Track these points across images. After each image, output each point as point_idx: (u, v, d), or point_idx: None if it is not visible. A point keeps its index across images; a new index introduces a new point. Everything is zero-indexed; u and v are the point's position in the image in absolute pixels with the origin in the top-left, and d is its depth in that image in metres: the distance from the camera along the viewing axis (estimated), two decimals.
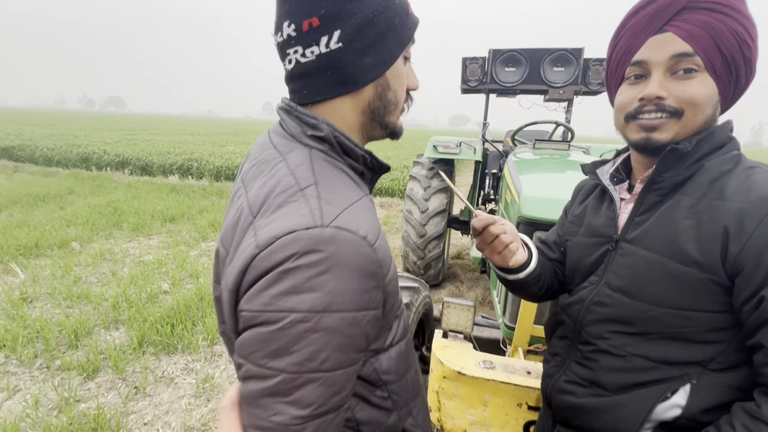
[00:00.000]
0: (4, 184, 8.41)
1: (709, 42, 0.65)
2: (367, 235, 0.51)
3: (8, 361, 2.70)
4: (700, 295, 0.67)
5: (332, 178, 0.56)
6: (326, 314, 0.46)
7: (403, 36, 0.60)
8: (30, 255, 4.53)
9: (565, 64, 3.70)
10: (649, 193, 0.74)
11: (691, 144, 0.68)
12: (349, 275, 0.48)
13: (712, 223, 0.65)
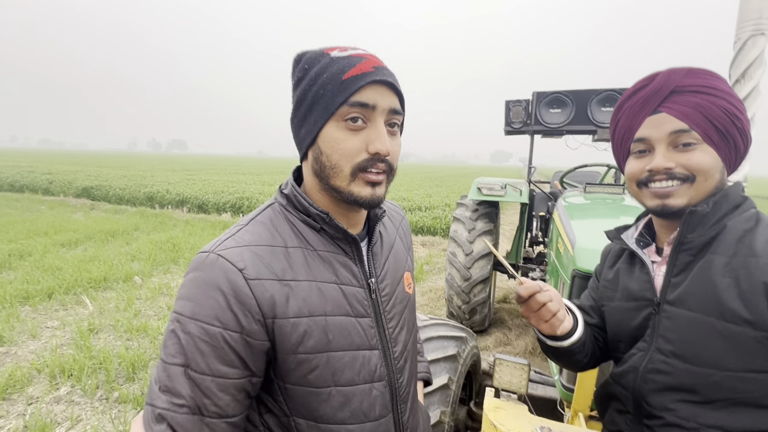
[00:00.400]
0: (81, 221, 9.37)
1: (702, 118, 0.72)
2: (245, 266, 0.61)
3: (74, 391, 2.88)
4: (759, 355, 0.65)
5: (258, 224, 0.68)
6: (189, 318, 0.59)
7: (330, 104, 0.63)
8: (99, 288, 4.93)
9: (613, 104, 3.63)
10: (679, 254, 0.76)
11: (708, 206, 0.73)
12: (209, 290, 0.60)
13: (750, 279, 0.67)
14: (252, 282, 0.60)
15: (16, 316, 4.00)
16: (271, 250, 0.65)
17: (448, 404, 1.65)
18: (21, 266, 5.62)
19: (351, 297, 0.69)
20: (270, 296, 0.61)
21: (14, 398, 2.80)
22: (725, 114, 0.72)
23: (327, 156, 0.65)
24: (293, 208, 0.70)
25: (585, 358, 0.89)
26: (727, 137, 0.73)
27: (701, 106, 0.72)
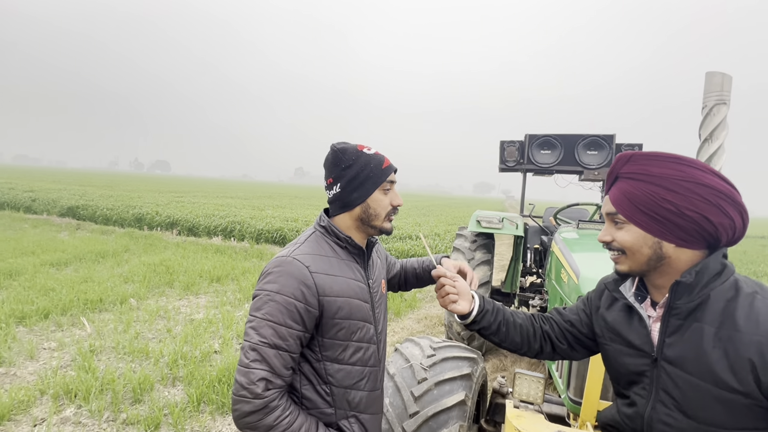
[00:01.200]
0: (68, 240, 9.20)
1: (627, 204, 0.87)
2: (310, 265, 1.03)
3: (80, 412, 2.88)
4: (750, 417, 0.78)
5: (313, 241, 1.11)
6: (276, 293, 0.98)
7: (377, 181, 1.10)
8: (95, 309, 4.90)
9: (598, 149, 4.02)
10: (670, 318, 0.88)
11: (691, 276, 0.83)
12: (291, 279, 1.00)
13: (737, 354, 0.78)
14: (313, 274, 1.02)
15: (13, 336, 3.95)
16: (320, 257, 1.07)
17: (465, 419, 1.81)
18: (11, 286, 5.52)
19: (361, 289, 1.12)
20: (322, 283, 1.03)
21: (19, 419, 2.78)
22: (650, 198, 0.84)
23: (374, 209, 1.12)
24: (328, 234, 1.14)
25: (502, 342, 1.15)
26: (655, 218, 0.84)
27: (629, 192, 0.86)
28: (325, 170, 1.13)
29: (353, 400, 1.10)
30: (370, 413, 1.14)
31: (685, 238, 0.84)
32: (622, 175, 0.90)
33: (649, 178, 0.85)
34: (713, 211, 0.82)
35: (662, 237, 0.86)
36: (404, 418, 1.83)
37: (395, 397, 1.91)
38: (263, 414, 0.93)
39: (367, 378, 1.13)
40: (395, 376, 1.99)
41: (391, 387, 1.97)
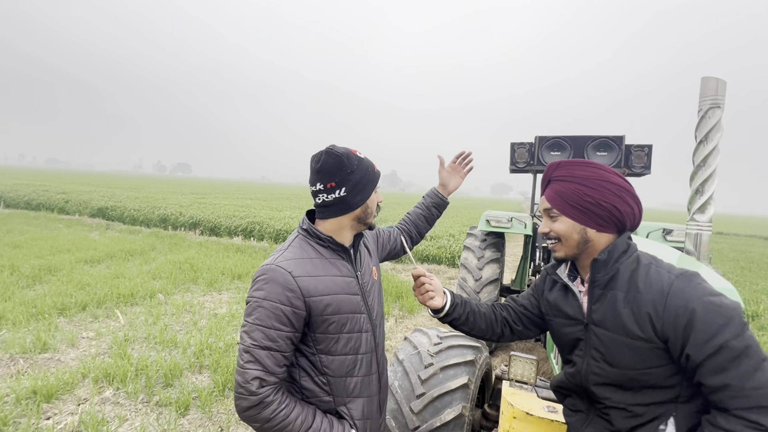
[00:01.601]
0: (99, 239, 9.72)
1: (559, 200, 1.09)
2: (292, 270, 1.09)
3: (118, 394, 3.16)
4: (653, 357, 0.99)
5: (296, 246, 1.18)
6: (263, 300, 1.06)
7: (373, 184, 1.23)
8: (127, 303, 5.24)
9: (608, 150, 4.08)
10: (594, 289, 1.08)
11: (605, 254, 1.05)
12: (275, 286, 1.07)
13: (639, 310, 0.98)
14: (297, 278, 1.10)
15: (56, 326, 4.30)
16: (303, 260, 1.15)
17: (468, 400, 1.96)
18: (51, 281, 5.94)
19: (348, 283, 1.20)
20: (306, 285, 1.10)
21: (65, 398, 3.07)
22: (575, 194, 1.06)
23: (370, 208, 1.24)
24: (310, 236, 1.22)
25: (471, 330, 1.33)
26: (580, 208, 1.06)
27: (560, 191, 1.09)
28: (323, 174, 1.16)
29: (349, 386, 1.19)
30: (365, 396, 1.23)
31: (602, 224, 1.07)
32: (553, 178, 1.12)
33: (574, 179, 1.08)
34: (620, 201, 1.05)
35: (586, 224, 1.07)
36: (412, 399, 1.99)
37: (404, 380, 2.08)
38: (260, 409, 1.03)
39: (360, 364, 1.21)
40: (404, 362, 2.16)
41: (400, 371, 2.14)
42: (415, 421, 1.93)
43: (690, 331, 0.91)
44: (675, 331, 0.93)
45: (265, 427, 1.05)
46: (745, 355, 0.87)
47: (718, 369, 0.88)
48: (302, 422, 1.07)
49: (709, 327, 0.89)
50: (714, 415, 0.91)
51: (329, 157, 1.16)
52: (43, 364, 3.57)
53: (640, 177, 4.15)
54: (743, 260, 12.45)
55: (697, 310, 0.91)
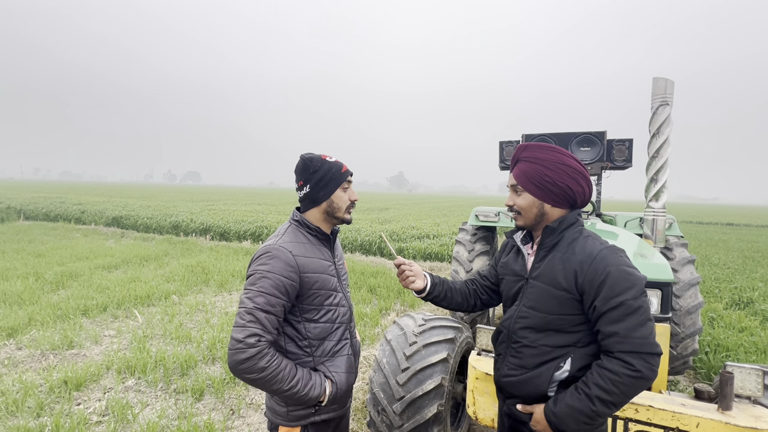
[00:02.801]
0: (115, 247, 10.15)
1: (524, 178, 1.29)
2: (292, 250, 1.35)
3: (139, 383, 3.47)
4: (568, 306, 1.22)
5: (291, 232, 1.43)
6: (261, 274, 1.30)
7: (338, 181, 1.44)
8: (144, 304, 5.58)
9: (591, 145, 4.28)
10: (539, 251, 1.31)
11: (556, 224, 1.28)
12: (279, 261, 1.31)
13: (569, 267, 1.21)
14: (296, 257, 1.35)
15: (80, 326, 4.65)
16: (298, 244, 1.40)
17: (447, 373, 2.21)
18: (73, 285, 6.32)
19: (329, 266, 1.46)
20: (302, 263, 1.36)
21: (92, 387, 3.39)
22: (536, 174, 1.26)
23: (337, 204, 1.46)
24: (301, 226, 1.47)
25: (450, 305, 1.54)
26: (540, 186, 1.26)
27: (525, 170, 1.29)
28: (296, 175, 1.45)
29: (326, 348, 1.44)
30: (340, 356, 1.48)
31: (557, 200, 1.28)
32: (521, 159, 1.33)
33: (537, 161, 1.29)
34: (573, 182, 1.26)
35: (544, 200, 1.29)
36: (398, 373, 2.24)
37: (391, 357, 2.34)
38: (256, 359, 1.21)
39: (336, 332, 1.47)
40: (391, 341, 2.41)
41: (387, 350, 2.39)
42: (400, 391, 2.18)
43: (602, 288, 1.15)
44: (591, 286, 1.17)
45: (259, 377, 1.24)
46: (636, 313, 1.11)
47: (614, 320, 1.13)
48: (289, 372, 1.31)
49: (616, 286, 1.14)
50: (601, 359, 1.16)
51: (299, 162, 1.45)
52: (71, 358, 3.91)
53: (623, 170, 4.35)
54: (748, 250, 12.42)
55: (611, 272, 1.15)
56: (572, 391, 1.17)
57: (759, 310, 5.77)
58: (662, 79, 2.28)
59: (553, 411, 1.19)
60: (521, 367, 1.31)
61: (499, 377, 1.39)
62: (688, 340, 3.16)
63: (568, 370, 1.23)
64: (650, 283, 1.90)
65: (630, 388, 1.09)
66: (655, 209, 2.35)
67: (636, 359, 1.09)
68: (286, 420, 1.40)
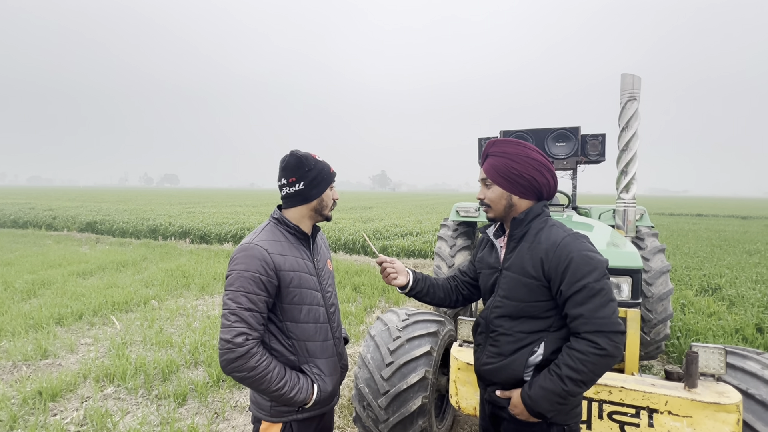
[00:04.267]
0: (90, 253, 9.82)
1: (493, 172, 1.34)
2: (267, 248, 1.35)
3: (119, 390, 3.38)
4: (538, 293, 1.28)
5: (269, 230, 1.44)
6: (239, 273, 1.31)
7: (328, 182, 1.48)
8: (122, 310, 5.43)
9: (566, 140, 4.41)
10: (510, 242, 1.37)
11: (522, 215, 1.34)
12: (254, 260, 1.32)
13: (536, 256, 1.27)
14: (271, 254, 1.35)
15: (54, 334, 4.49)
16: (275, 242, 1.40)
17: (431, 365, 2.24)
18: (46, 293, 6.09)
19: (307, 265, 1.46)
20: (278, 261, 1.36)
21: (68, 397, 3.29)
22: (505, 167, 1.31)
23: (325, 202, 1.49)
24: (280, 224, 1.47)
25: (432, 300, 1.58)
26: (508, 179, 1.31)
27: (494, 164, 1.33)
28: (287, 171, 1.43)
29: (309, 348, 1.44)
30: (324, 358, 1.47)
31: (524, 192, 1.34)
32: (490, 153, 1.38)
33: (505, 155, 1.34)
34: (539, 174, 1.32)
35: (512, 192, 1.34)
36: (382, 367, 2.27)
37: (375, 353, 2.36)
38: (246, 359, 1.23)
39: (319, 332, 1.46)
40: (375, 337, 2.44)
41: (372, 345, 2.41)
42: (385, 386, 2.21)
43: (566, 273, 1.21)
44: (556, 272, 1.23)
45: (249, 376, 1.26)
46: (598, 294, 1.18)
47: (579, 302, 1.19)
48: (278, 373, 1.32)
49: (578, 271, 1.19)
50: (570, 341, 1.22)
51: (292, 158, 1.43)
52: (45, 368, 3.78)
53: (597, 164, 4.49)
54: (716, 239, 12.99)
55: (574, 258, 1.21)
56: (545, 373, 1.22)
57: (726, 296, 6.06)
58: (630, 75, 2.38)
59: (528, 394, 1.24)
60: (499, 354, 1.35)
61: (479, 366, 1.43)
62: (660, 326, 3.30)
63: (542, 354, 1.28)
64: (621, 270, 1.98)
65: (597, 366, 1.15)
66: (626, 200, 2.44)
67: (601, 338, 1.15)
68: (268, 415, 1.40)
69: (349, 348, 4.29)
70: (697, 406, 1.47)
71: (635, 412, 1.56)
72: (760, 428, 1.57)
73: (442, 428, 2.57)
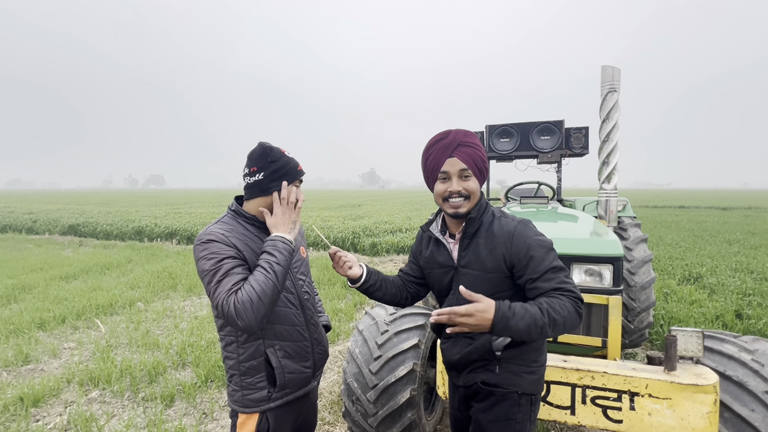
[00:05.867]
0: (73, 256, 9.61)
1: (471, 162, 1.33)
2: (223, 232, 1.33)
3: (104, 394, 3.32)
4: (502, 284, 1.33)
5: (225, 221, 1.41)
6: (207, 251, 1.28)
7: (292, 177, 1.41)
8: (106, 313, 5.33)
9: (550, 134, 4.46)
10: (463, 239, 1.38)
11: (475, 212, 1.36)
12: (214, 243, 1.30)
13: (495, 250, 1.31)
14: (229, 237, 1.33)
15: (36, 339, 4.38)
16: (232, 230, 1.37)
17: (419, 358, 2.25)
18: (27, 298, 5.95)
19: None
20: (237, 243, 1.33)
21: (51, 402, 3.21)
22: (480, 159, 1.34)
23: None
24: (237, 215, 1.44)
25: (384, 296, 1.55)
26: (480, 171, 1.35)
27: (471, 155, 1.33)
28: (250, 160, 1.39)
29: (276, 331, 1.40)
30: (291, 341, 1.43)
31: (481, 183, 1.39)
32: (463, 143, 1.34)
33: (477, 147, 1.37)
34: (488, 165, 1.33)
35: (481, 183, 1.38)
36: (370, 361, 2.27)
37: (363, 347, 2.36)
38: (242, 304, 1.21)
39: (286, 316, 1.42)
40: (363, 331, 2.44)
41: (360, 340, 2.41)
42: (373, 379, 2.21)
43: (530, 261, 1.26)
44: (519, 261, 1.28)
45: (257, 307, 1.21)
46: (562, 270, 1.26)
47: (549, 278, 1.24)
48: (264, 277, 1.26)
49: (539, 255, 1.26)
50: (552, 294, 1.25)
51: (258, 147, 1.41)
52: (27, 374, 3.68)
53: (581, 157, 4.55)
54: (698, 229, 13.32)
55: (532, 245, 1.28)
56: (528, 302, 1.21)
57: (707, 284, 6.22)
58: (610, 67, 2.41)
59: (509, 305, 1.17)
60: (469, 337, 1.39)
61: (449, 358, 1.46)
62: (643, 314, 3.37)
63: None
64: (603, 258, 2.01)
65: (569, 321, 1.19)
66: (608, 190, 2.48)
67: (575, 301, 1.22)
68: (242, 406, 1.39)
69: (339, 344, 4.28)
70: (676, 388, 1.51)
71: (617, 396, 1.59)
72: (737, 408, 1.62)
73: (432, 420, 2.59)
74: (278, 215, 1.38)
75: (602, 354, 2.00)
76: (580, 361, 1.74)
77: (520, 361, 1.36)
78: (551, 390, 1.69)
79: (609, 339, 1.94)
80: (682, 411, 1.51)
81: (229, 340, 1.39)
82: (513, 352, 1.35)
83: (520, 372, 1.35)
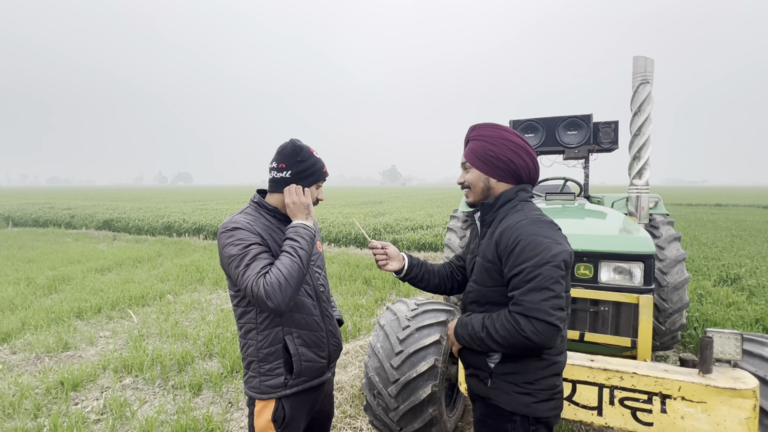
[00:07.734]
0: (107, 250, 10.07)
1: (471, 155, 1.36)
2: (248, 221, 1.38)
3: (137, 381, 3.48)
4: (496, 277, 1.28)
5: (248, 212, 1.46)
6: (234, 238, 1.32)
7: (318, 178, 1.48)
8: (138, 304, 5.56)
9: (577, 128, 4.32)
10: (482, 228, 1.38)
11: (492, 200, 1.35)
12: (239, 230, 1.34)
13: (493, 239, 1.28)
14: (253, 225, 1.37)
15: (74, 328, 4.63)
16: (256, 220, 1.42)
17: (441, 354, 2.25)
18: (66, 289, 6.28)
19: None
20: (261, 232, 1.38)
21: (89, 387, 3.39)
22: (482, 150, 1.32)
23: None
24: (260, 207, 1.49)
25: (427, 287, 1.58)
26: (485, 161, 1.32)
27: (472, 148, 1.36)
28: (280, 156, 1.44)
29: (295, 320, 1.43)
30: (308, 330, 1.47)
31: (501, 175, 1.34)
32: (470, 138, 1.39)
33: (482, 138, 1.35)
34: (515, 156, 1.31)
35: (489, 174, 1.35)
36: (392, 356, 2.28)
37: (385, 342, 2.37)
38: (270, 285, 1.24)
39: (304, 305, 1.46)
40: (385, 326, 2.45)
41: (381, 335, 2.43)
42: (395, 374, 2.22)
43: (511, 256, 1.19)
44: (505, 254, 1.22)
45: (285, 288, 1.25)
46: (533, 280, 1.14)
47: (515, 285, 1.18)
48: (290, 260, 1.30)
49: (521, 255, 1.17)
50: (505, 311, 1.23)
51: (289, 144, 1.45)
52: (67, 360, 3.90)
53: (610, 152, 4.40)
54: (736, 228, 12.63)
55: (521, 241, 1.18)
56: (483, 315, 1.27)
57: (746, 286, 5.90)
58: (642, 58, 2.31)
59: (461, 318, 1.33)
60: None
61: (458, 350, 1.47)
62: (676, 315, 3.23)
63: None
64: (633, 256, 1.94)
65: (510, 342, 1.16)
66: (639, 186, 2.39)
67: (522, 320, 1.13)
68: (259, 392, 1.42)
69: (360, 339, 4.32)
70: (711, 391, 1.44)
71: (647, 398, 1.53)
72: None
73: (453, 417, 2.58)
74: (290, 206, 1.42)
75: (631, 355, 1.93)
76: (608, 360, 1.68)
77: (512, 378, 1.28)
78: (577, 389, 1.65)
79: (639, 339, 1.87)
80: (717, 416, 1.44)
81: (249, 327, 1.43)
82: (504, 368, 1.29)
83: (511, 391, 1.27)
